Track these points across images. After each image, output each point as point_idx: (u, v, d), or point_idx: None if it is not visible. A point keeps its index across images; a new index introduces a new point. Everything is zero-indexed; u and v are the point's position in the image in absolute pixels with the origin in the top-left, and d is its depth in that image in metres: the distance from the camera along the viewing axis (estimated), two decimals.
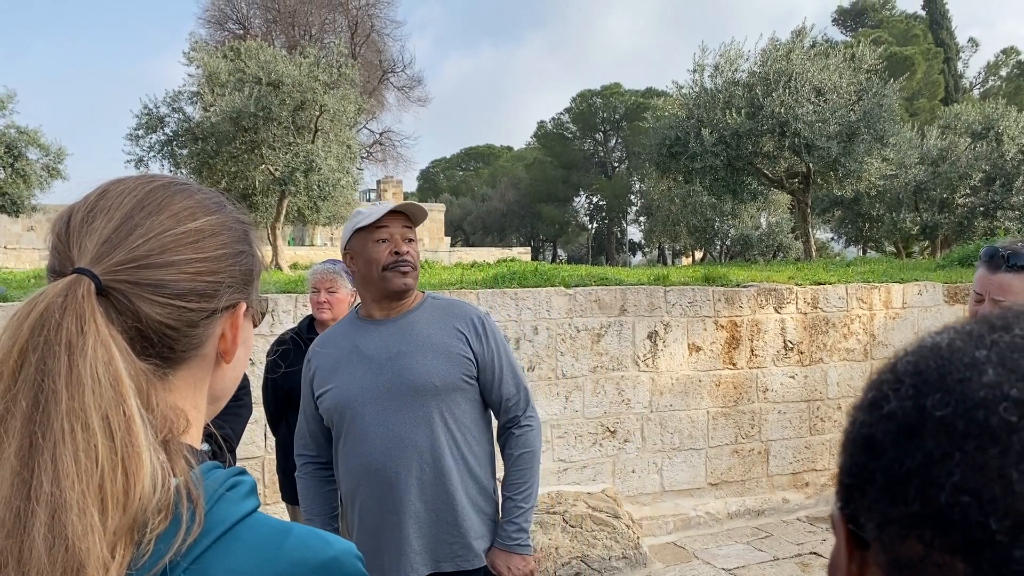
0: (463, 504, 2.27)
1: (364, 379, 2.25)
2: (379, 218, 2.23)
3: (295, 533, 0.72)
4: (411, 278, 2.25)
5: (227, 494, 0.70)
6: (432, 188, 61.11)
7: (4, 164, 17.35)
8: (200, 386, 0.80)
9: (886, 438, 0.45)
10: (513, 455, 2.40)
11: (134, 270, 0.71)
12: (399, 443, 2.21)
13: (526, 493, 2.37)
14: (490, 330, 2.35)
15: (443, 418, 2.24)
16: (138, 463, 0.64)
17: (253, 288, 0.84)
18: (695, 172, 15.52)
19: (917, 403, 0.44)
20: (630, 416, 6.40)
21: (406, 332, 2.27)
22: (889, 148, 15.27)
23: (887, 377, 0.48)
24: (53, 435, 0.62)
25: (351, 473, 2.28)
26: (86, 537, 0.60)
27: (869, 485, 0.46)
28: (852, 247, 25.75)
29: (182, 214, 0.77)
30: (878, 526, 0.45)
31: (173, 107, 18.59)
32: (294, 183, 17.18)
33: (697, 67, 15.92)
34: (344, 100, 18.27)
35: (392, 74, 39.52)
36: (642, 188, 42.00)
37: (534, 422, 2.43)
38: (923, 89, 39.75)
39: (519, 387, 2.40)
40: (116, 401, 0.65)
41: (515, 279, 6.49)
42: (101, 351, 0.66)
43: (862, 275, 8.19)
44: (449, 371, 2.24)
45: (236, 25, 36.44)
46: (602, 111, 51.12)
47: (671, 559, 5.84)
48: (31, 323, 0.66)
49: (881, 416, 0.46)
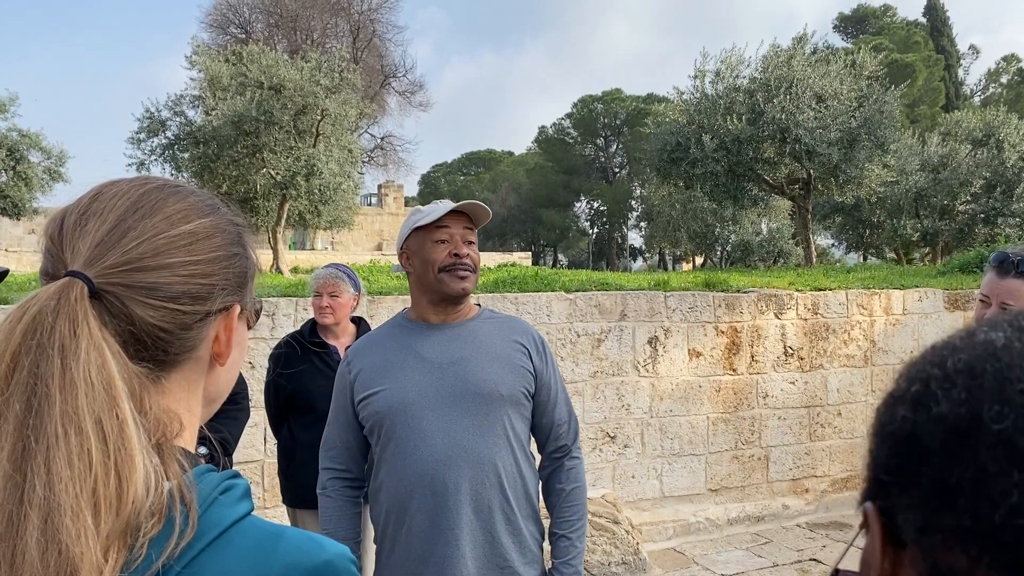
0: (519, 525, 2.13)
1: (423, 382, 2.10)
2: (439, 217, 2.11)
3: (288, 536, 0.71)
4: (469, 282, 2.14)
5: (220, 498, 0.70)
6: (433, 193, 61.14)
7: (6, 167, 17.38)
8: (194, 389, 0.79)
9: (935, 442, 0.43)
10: (565, 489, 2.22)
11: (127, 273, 0.71)
12: (461, 452, 2.07)
13: (580, 531, 2.21)
14: (548, 351, 2.26)
15: (506, 430, 2.12)
16: (131, 466, 0.64)
17: (247, 290, 0.83)
18: (696, 178, 15.53)
19: (972, 410, 0.41)
20: (630, 421, 6.40)
21: (467, 338, 2.16)
22: (890, 155, 15.28)
23: (935, 372, 0.45)
24: (46, 438, 0.62)
25: (404, 482, 2.10)
26: (80, 541, 0.60)
27: (912, 486, 0.44)
28: (853, 253, 25.74)
29: (175, 216, 0.76)
30: (919, 530, 0.43)
31: (175, 111, 18.62)
32: (295, 187, 17.20)
33: (698, 73, 15.94)
34: (345, 104, 18.30)
35: (394, 79, 39.61)
36: (643, 193, 42.05)
37: (581, 455, 2.30)
38: (924, 96, 39.80)
39: (571, 415, 2.28)
40: (109, 404, 0.65)
41: (516, 284, 6.49)
42: (94, 354, 0.65)
43: (862, 281, 8.19)
44: (513, 382, 2.13)
45: (238, 29, 36.53)
46: (603, 116, 51.22)
47: (671, 565, 5.83)
48: (23, 327, 0.66)
49: (930, 417, 0.43)
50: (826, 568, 5.68)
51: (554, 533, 2.21)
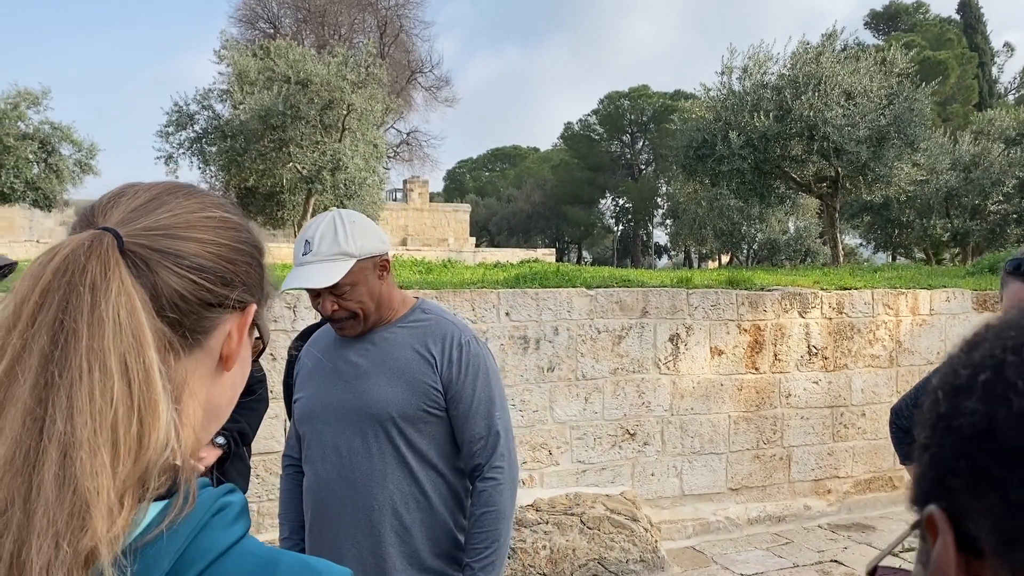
0: (416, 548, 2.06)
1: (330, 395, 2.11)
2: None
3: (283, 564, 0.68)
4: (350, 328, 2.09)
5: (212, 520, 0.66)
6: (458, 188, 61.26)
7: (38, 159, 17.63)
8: (200, 386, 0.77)
9: (1020, 441, 0.38)
10: (475, 513, 2.08)
11: (157, 237, 0.71)
12: (350, 473, 2.05)
13: (486, 561, 2.04)
14: (469, 357, 2.10)
15: (401, 451, 2.05)
16: (154, 413, 0.63)
17: (262, 306, 0.82)
18: (722, 175, 15.42)
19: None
20: (650, 419, 6.36)
21: (377, 350, 2.11)
22: (920, 153, 15.07)
23: (1010, 358, 0.40)
24: (70, 374, 0.61)
25: (304, 495, 2.16)
26: (95, 477, 0.59)
27: (991, 492, 0.39)
28: (881, 253, 25.43)
29: (208, 202, 0.78)
30: (1005, 542, 0.39)
31: (203, 105, 18.83)
32: (321, 182, 17.32)
33: (725, 69, 15.82)
34: (371, 99, 18.39)
35: (420, 74, 39.69)
36: (669, 191, 41.81)
37: (503, 475, 2.08)
38: (956, 94, 39.17)
39: (491, 429, 2.09)
40: (136, 349, 0.64)
41: (536, 279, 6.48)
42: (124, 297, 0.65)
43: (889, 281, 8.08)
44: (408, 400, 2.05)
45: (267, 24, 36.80)
46: (630, 113, 50.96)
47: (689, 563, 5.80)
48: (55, 266, 0.65)
49: (1011, 414, 0.39)
50: (848, 570, 5.62)
51: (465, 559, 2.09)
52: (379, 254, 2.09)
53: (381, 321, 2.13)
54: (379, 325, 2.12)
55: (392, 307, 2.14)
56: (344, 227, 2.01)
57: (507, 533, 2.10)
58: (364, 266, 2.03)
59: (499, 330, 5.84)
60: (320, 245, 1.99)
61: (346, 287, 2.01)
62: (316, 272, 1.98)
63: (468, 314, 5.72)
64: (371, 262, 2.05)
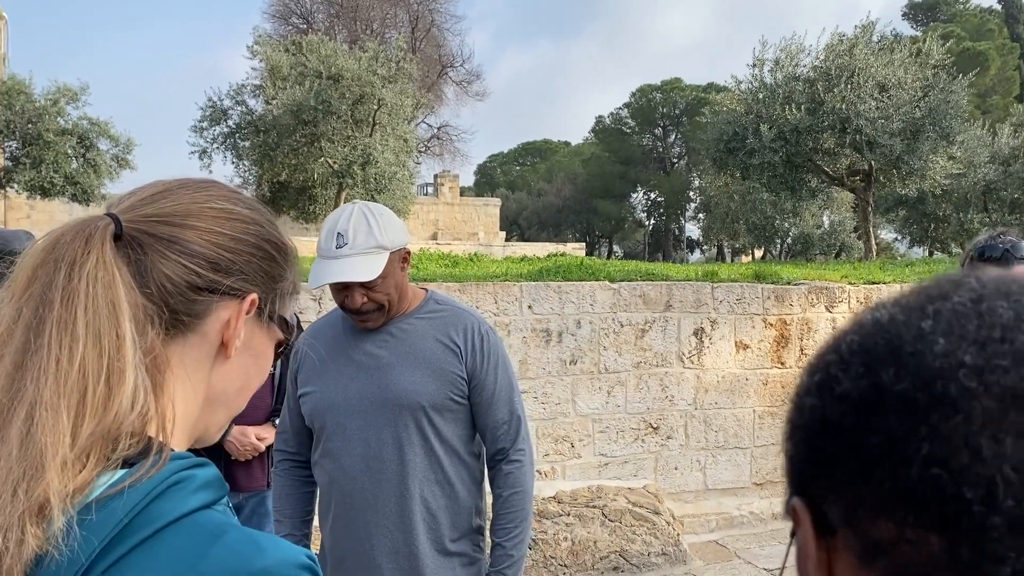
0: (442, 536, 2.11)
1: (349, 387, 2.11)
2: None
3: (226, 539, 0.66)
4: (372, 321, 2.10)
5: (168, 491, 0.66)
6: (488, 183, 61.33)
7: (76, 154, 18.00)
8: (196, 370, 0.78)
9: (844, 419, 0.43)
10: (502, 495, 2.16)
11: (154, 224, 0.75)
12: (379, 464, 2.07)
13: (517, 540, 2.14)
14: (490, 346, 2.15)
15: (430, 440, 2.09)
16: (121, 378, 0.67)
17: (274, 296, 0.84)
18: (752, 168, 15.29)
19: (871, 380, 0.43)
20: (673, 413, 6.36)
21: (396, 341, 2.12)
22: (956, 146, 14.80)
23: (831, 358, 0.46)
24: (42, 340, 0.67)
25: (324, 488, 2.18)
26: (51, 432, 0.64)
27: (831, 470, 0.44)
28: (917, 248, 25.03)
29: (216, 195, 0.82)
30: (845, 510, 0.43)
31: (236, 100, 19.07)
32: (352, 176, 17.45)
33: (757, 61, 15.67)
34: (402, 94, 18.48)
35: (451, 68, 39.79)
36: (701, 184, 41.51)
37: (525, 457, 2.18)
38: (996, 86, 38.38)
39: (512, 415, 2.17)
40: (110, 320, 0.69)
41: (560, 273, 6.50)
42: (102, 272, 0.70)
43: (919, 275, 7.98)
44: (436, 389, 2.08)
45: (300, 20, 37.11)
46: (662, 106, 50.60)
47: (712, 557, 5.79)
48: (46, 244, 0.72)
49: (834, 397, 0.44)
50: None
51: (492, 540, 2.17)
52: (405, 246, 2.12)
53: (398, 312, 2.14)
54: (395, 316, 2.14)
55: (407, 299, 2.16)
56: (376, 220, 2.02)
57: (531, 512, 2.20)
58: (394, 258, 2.05)
59: (521, 323, 5.87)
60: (356, 238, 1.98)
61: (378, 280, 2.02)
62: (355, 265, 1.98)
63: (491, 307, 5.76)
64: (399, 254, 2.08)
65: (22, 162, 17.66)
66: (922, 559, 0.40)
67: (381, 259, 2.00)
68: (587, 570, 5.14)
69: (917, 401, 0.40)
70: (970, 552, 0.38)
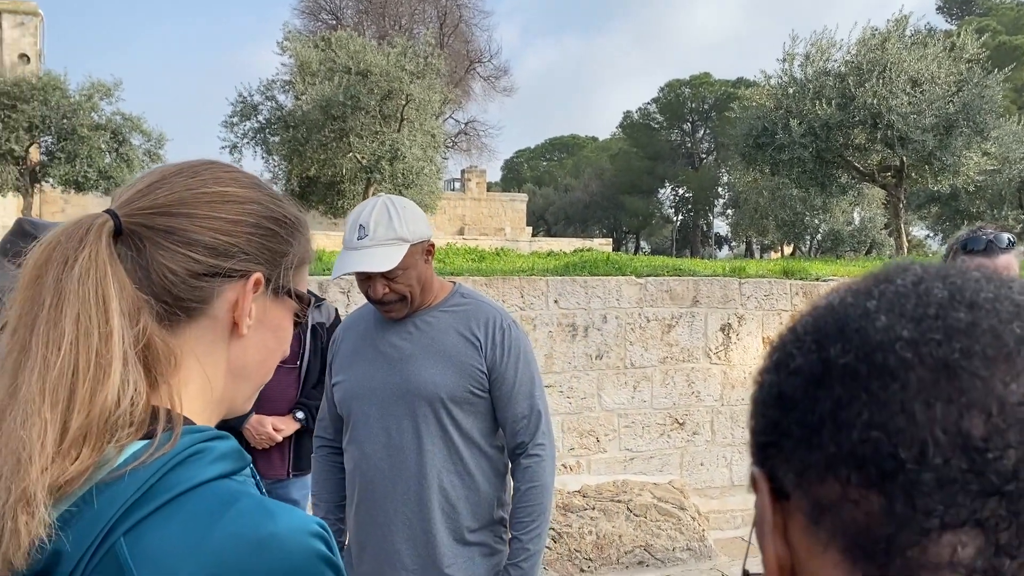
0: (460, 526, 2.14)
1: (375, 377, 2.17)
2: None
3: (239, 505, 0.69)
4: (396, 312, 2.16)
5: (188, 460, 0.70)
6: (516, 178, 61.31)
7: (110, 149, 18.30)
8: (213, 351, 0.80)
9: (796, 391, 0.47)
10: (520, 489, 2.19)
11: (151, 216, 0.77)
12: (399, 453, 2.13)
13: (534, 534, 2.15)
14: (511, 340, 2.17)
15: (449, 432, 2.13)
16: (107, 373, 0.69)
17: (282, 271, 0.85)
18: (782, 163, 15.17)
19: (821, 355, 0.47)
20: (700, 408, 6.35)
21: (420, 333, 2.17)
22: (990, 142, 14.59)
23: (789, 338, 0.50)
24: (35, 339, 0.70)
25: (350, 475, 2.24)
26: (33, 429, 0.67)
27: (784, 438, 0.48)
28: None
29: (210, 179, 0.83)
30: (796, 474, 0.47)
31: (266, 95, 19.25)
32: (380, 171, 17.57)
33: (787, 56, 15.53)
34: (430, 90, 18.55)
35: (479, 64, 39.82)
36: (729, 180, 41.20)
37: (545, 451, 2.19)
38: None
39: (533, 409, 2.18)
40: (99, 316, 0.70)
41: (587, 268, 6.51)
42: (92, 269, 0.72)
43: None
44: (457, 382, 2.12)
45: (329, 16, 37.35)
46: (690, 101, 50.27)
47: (738, 553, 5.78)
48: (48, 243, 0.74)
49: (789, 373, 0.48)
50: None
51: (511, 532, 2.20)
52: (428, 239, 2.15)
53: (423, 305, 2.17)
54: (420, 309, 2.17)
55: (432, 291, 2.19)
56: (398, 212, 2.06)
57: (550, 506, 2.21)
58: (415, 250, 2.08)
59: (547, 317, 5.90)
60: (376, 230, 2.03)
61: (399, 271, 2.06)
62: (374, 256, 2.04)
63: (517, 301, 5.79)
64: (420, 247, 2.11)
65: (57, 157, 17.99)
66: (863, 515, 0.43)
67: (399, 251, 2.04)
68: (612, 564, 5.16)
69: (859, 371, 0.44)
70: (904, 506, 0.41)
